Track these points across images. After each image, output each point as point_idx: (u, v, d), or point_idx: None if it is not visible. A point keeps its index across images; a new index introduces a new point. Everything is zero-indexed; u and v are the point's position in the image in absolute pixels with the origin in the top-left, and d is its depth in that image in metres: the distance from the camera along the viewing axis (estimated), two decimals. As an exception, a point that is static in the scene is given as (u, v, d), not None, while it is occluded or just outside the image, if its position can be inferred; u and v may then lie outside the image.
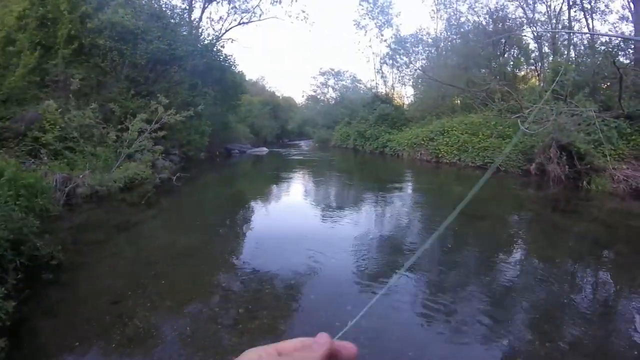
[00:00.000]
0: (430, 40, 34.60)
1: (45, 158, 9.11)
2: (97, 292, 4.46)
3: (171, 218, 8.78)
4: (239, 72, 26.05)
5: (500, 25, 25.71)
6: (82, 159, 9.86)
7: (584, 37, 21.81)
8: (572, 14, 22.04)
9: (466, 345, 3.70)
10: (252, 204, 10.88)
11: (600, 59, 17.30)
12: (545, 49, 24.74)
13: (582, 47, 21.68)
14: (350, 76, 46.04)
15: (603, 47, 18.04)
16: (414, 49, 34.71)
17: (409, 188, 13.99)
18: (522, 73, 27.02)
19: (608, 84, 16.84)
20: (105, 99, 12.98)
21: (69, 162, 9.60)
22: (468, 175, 16.67)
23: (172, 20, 18.81)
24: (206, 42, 20.85)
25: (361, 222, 8.55)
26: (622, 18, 19.65)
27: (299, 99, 59.52)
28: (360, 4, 34.89)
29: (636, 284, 5.27)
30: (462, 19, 30.54)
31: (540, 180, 13.96)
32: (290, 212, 9.65)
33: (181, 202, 10.47)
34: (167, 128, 12.70)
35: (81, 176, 8.75)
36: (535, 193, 12.87)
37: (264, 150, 28.47)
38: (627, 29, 18.59)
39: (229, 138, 26.10)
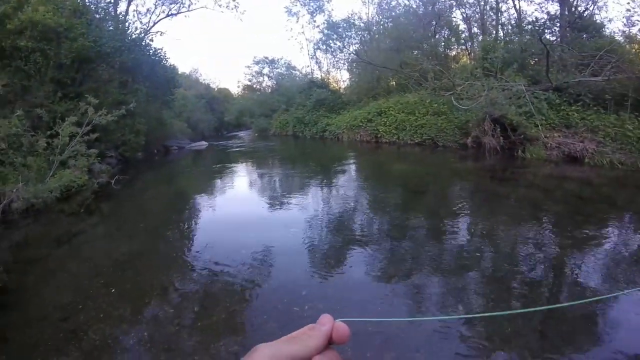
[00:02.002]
0: (362, 25, 35.13)
1: (-26, 175, 8.62)
2: (47, 311, 4.34)
3: (113, 224, 8.54)
4: (170, 65, 25.21)
5: (430, 8, 26.34)
6: (13, 172, 9.32)
7: (511, 17, 22.78)
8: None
9: (423, 313, 3.90)
10: (196, 201, 10.74)
11: (527, 37, 18.18)
12: (475, 29, 25.70)
13: (510, 27, 22.67)
14: (285, 63, 46.08)
15: (530, 26, 18.96)
16: (346, 33, 35.08)
17: (351, 169, 14.28)
18: (453, 53, 28.08)
19: (536, 60, 17.78)
20: (31, 104, 12.24)
21: (0, 177, 9.09)
22: (408, 153, 17.25)
23: (97, 15, 17.99)
24: (134, 36, 20.02)
25: (308, 208, 8.69)
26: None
27: (235, 90, 58.91)
28: (291, -9, 34.97)
29: (575, 242, 5.71)
30: (393, 3, 31.20)
31: (477, 153, 14.67)
32: (236, 206, 9.66)
33: (122, 206, 10.19)
34: (99, 130, 12.22)
35: (14, 190, 8.31)
36: (473, 165, 13.50)
37: (203, 144, 27.90)
38: (553, 8, 19.49)
39: (166, 135, 25.34)
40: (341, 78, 40.39)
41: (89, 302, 4.49)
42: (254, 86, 50.19)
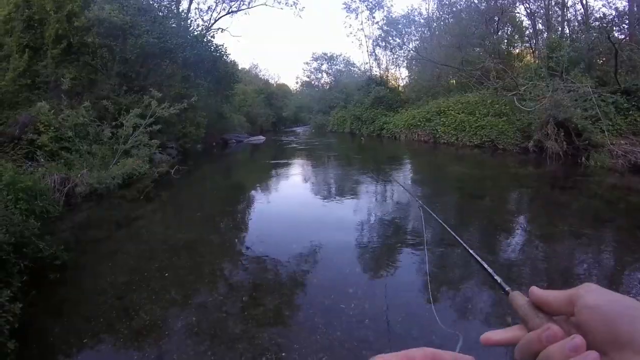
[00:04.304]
0: (422, 21, 34.44)
1: (42, 160, 9.11)
2: (102, 289, 4.50)
3: (171, 211, 8.82)
4: (231, 61, 25.85)
5: (492, 3, 25.40)
6: (79, 158, 9.85)
7: (577, 12, 21.66)
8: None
9: (471, 324, 3.74)
10: (252, 193, 10.91)
11: (594, 34, 17.17)
12: (539, 26, 24.56)
13: (576, 23, 21.53)
14: (343, 60, 46.01)
15: (597, 23, 17.92)
16: (406, 30, 34.54)
17: (408, 170, 14.03)
18: (517, 51, 26.87)
19: (603, 59, 16.80)
20: (97, 96, 12.91)
21: (66, 162, 9.57)
22: (466, 155, 16.72)
23: (160, 13, 18.57)
24: (196, 33, 20.58)
25: (361, 206, 8.61)
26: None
27: (293, 86, 59.51)
28: (349, -13, 34.80)
29: (636, 259, 5.30)
30: (454, -2, 30.23)
31: (538, 158, 13.98)
32: (290, 201, 9.68)
33: (180, 195, 10.49)
34: (162, 122, 12.65)
35: (79, 175, 8.74)
36: (534, 170, 12.88)
37: (261, 138, 28.26)
38: (621, 4, 18.39)
39: (225, 128, 26.01)
40: (400, 76, 39.66)
41: (143, 283, 4.63)
42: (313, 82, 50.54)
